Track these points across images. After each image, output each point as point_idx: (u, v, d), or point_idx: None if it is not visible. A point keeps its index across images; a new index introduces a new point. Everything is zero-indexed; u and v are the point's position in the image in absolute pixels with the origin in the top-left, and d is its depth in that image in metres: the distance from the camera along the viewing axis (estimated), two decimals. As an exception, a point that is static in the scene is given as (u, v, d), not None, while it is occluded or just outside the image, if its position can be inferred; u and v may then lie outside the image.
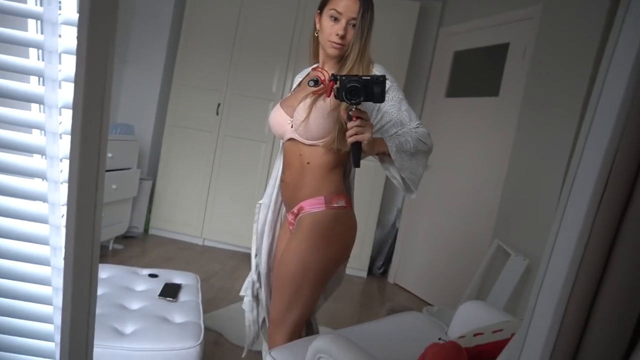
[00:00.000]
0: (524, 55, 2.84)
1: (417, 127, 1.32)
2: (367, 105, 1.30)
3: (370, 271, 3.86)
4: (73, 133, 0.58)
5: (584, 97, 2.26)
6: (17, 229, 0.77)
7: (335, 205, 1.33)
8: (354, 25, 1.29)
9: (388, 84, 1.28)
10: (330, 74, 1.22)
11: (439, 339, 1.39)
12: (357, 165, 1.19)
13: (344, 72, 1.27)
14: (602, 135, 0.47)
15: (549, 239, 0.59)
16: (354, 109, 1.15)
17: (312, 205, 1.33)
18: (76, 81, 0.57)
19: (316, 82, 1.36)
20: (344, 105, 1.19)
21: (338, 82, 1.16)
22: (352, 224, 1.40)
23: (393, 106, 1.32)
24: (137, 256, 3.32)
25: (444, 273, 3.25)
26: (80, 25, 0.56)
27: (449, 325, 1.58)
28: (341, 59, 1.35)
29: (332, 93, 1.19)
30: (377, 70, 1.32)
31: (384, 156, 1.30)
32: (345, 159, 1.37)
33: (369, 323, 1.53)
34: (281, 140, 1.47)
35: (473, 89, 3.36)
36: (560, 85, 2.48)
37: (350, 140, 1.16)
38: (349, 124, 1.16)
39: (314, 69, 1.43)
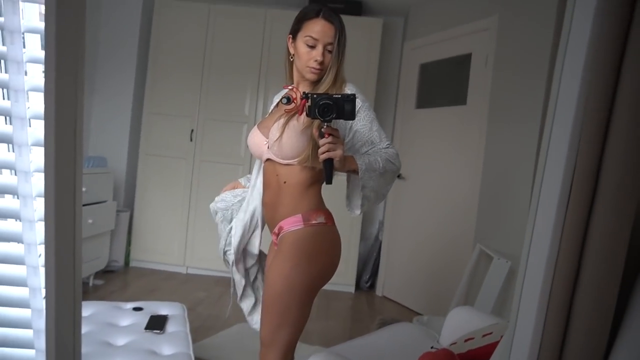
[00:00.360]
0: (486, 64, 2.94)
1: (387, 148, 1.35)
2: (339, 124, 1.33)
3: (357, 286, 3.85)
4: (46, 171, 0.57)
5: (543, 101, 2.35)
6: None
7: (314, 222, 1.33)
8: (329, 51, 1.33)
9: (359, 103, 1.32)
10: (302, 93, 1.24)
11: (431, 347, 1.39)
12: (329, 182, 1.21)
13: (321, 92, 1.30)
14: (562, 135, 0.49)
15: (525, 242, 0.61)
16: (325, 127, 1.17)
17: (291, 224, 1.34)
18: (46, 118, 0.57)
19: (288, 100, 1.37)
20: (316, 122, 1.22)
21: (310, 100, 1.18)
22: (334, 239, 1.39)
23: (364, 125, 1.35)
24: (119, 290, 3.23)
25: (431, 281, 3.27)
26: (47, 60, 0.56)
27: (440, 333, 1.59)
28: (317, 81, 1.38)
29: (305, 111, 1.21)
30: (349, 89, 1.35)
31: (352, 173, 1.32)
32: (322, 175, 1.38)
33: (361, 338, 1.53)
34: (260, 162, 1.49)
35: (441, 99, 3.44)
36: (521, 90, 2.57)
37: (322, 157, 1.17)
38: (321, 141, 1.17)
39: (288, 89, 1.45)
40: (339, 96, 1.18)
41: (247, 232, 1.52)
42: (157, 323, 1.74)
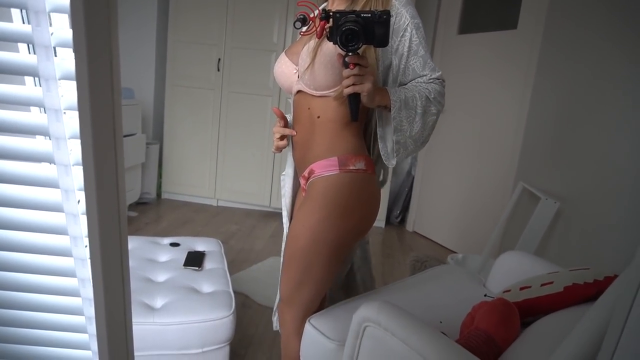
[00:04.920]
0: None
1: (432, 82, 1.12)
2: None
3: (387, 221, 3.83)
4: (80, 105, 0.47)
5: (620, 21, 2.08)
6: (31, 220, 0.69)
7: (351, 167, 1.13)
8: None
9: (406, 19, 1.10)
10: (321, 11, 1.00)
11: (485, 295, 1.33)
12: (355, 118, 1.05)
13: (358, 8, 1.07)
14: None
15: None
16: (350, 55, 0.97)
17: (324, 168, 1.14)
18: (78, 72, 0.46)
19: (304, 20, 1.13)
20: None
21: (331, 20, 0.97)
22: (373, 191, 1.19)
23: (408, 49, 1.11)
24: (153, 222, 3.28)
25: (465, 219, 3.20)
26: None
27: (487, 276, 1.52)
28: None
29: (325, 35, 1.00)
30: (397, 0, 1.11)
31: (384, 110, 1.11)
32: (365, 112, 1.19)
33: (401, 281, 1.47)
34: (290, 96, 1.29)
35: (488, 23, 3.14)
36: (584, 11, 2.28)
37: (346, 91, 1.00)
38: (345, 72, 0.99)
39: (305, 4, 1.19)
40: (368, 15, 0.95)
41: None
42: (195, 259, 1.73)
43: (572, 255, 2.19)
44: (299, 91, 1.18)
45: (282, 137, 1.26)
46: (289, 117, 1.31)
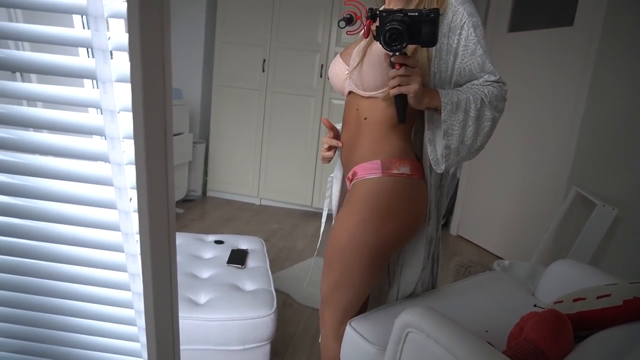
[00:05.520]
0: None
1: (490, 84, 1.06)
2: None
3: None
4: (135, 109, 0.49)
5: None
6: (86, 216, 0.72)
7: (395, 171, 1.10)
8: None
9: (463, 16, 1.05)
10: (367, 9, 0.98)
11: (535, 305, 1.27)
12: (402, 120, 1.01)
13: (412, 7, 1.05)
14: None
15: None
16: (396, 55, 0.94)
17: (367, 171, 1.13)
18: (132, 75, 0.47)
19: (350, 19, 1.11)
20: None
21: (378, 19, 0.94)
22: (418, 196, 1.14)
23: (465, 48, 1.06)
24: (198, 219, 3.38)
25: (513, 224, 3.08)
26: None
27: (536, 285, 1.46)
28: None
29: (372, 34, 0.97)
30: (455, 0, 1.07)
31: (434, 113, 1.06)
32: (415, 114, 1.15)
33: (447, 287, 1.43)
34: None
35: (541, 20, 3.00)
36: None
37: (392, 92, 0.97)
38: (390, 73, 0.96)
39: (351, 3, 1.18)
40: (416, 14, 0.91)
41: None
42: (238, 257, 1.76)
43: (632, 267, 2.05)
44: (350, 92, 1.18)
45: (329, 148, 1.26)
46: (339, 127, 1.31)
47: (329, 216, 1.39)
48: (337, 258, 1.14)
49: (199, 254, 1.82)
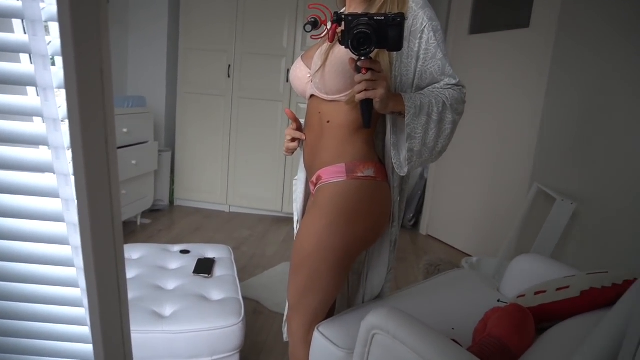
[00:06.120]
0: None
1: (451, 87, 1.08)
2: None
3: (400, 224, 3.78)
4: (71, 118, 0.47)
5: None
6: (32, 230, 0.69)
7: (359, 174, 1.11)
8: None
9: (424, 21, 1.07)
10: (333, 13, 0.98)
11: (498, 300, 1.30)
12: (368, 125, 1.01)
13: (374, 11, 1.06)
14: None
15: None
16: (362, 59, 0.93)
17: (331, 175, 1.12)
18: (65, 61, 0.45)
19: (315, 23, 1.10)
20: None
21: (343, 23, 0.93)
22: (383, 198, 1.15)
23: (426, 52, 1.08)
24: (166, 229, 3.30)
25: (480, 221, 3.14)
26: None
27: (501, 281, 1.49)
28: None
29: (337, 38, 0.97)
30: (414, 3, 1.08)
31: (398, 117, 1.06)
32: (377, 117, 1.15)
33: (413, 286, 1.45)
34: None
35: (500, 22, 3.09)
36: (602, 6, 2.23)
37: (358, 97, 0.96)
38: (356, 77, 0.95)
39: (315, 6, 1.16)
40: (382, 18, 0.91)
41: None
42: (204, 266, 1.72)
43: (590, 258, 2.13)
44: (312, 96, 1.17)
45: (293, 139, 1.25)
46: (302, 122, 1.30)
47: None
48: (304, 263, 1.13)
49: (165, 264, 1.77)
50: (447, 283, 1.47)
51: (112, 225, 0.51)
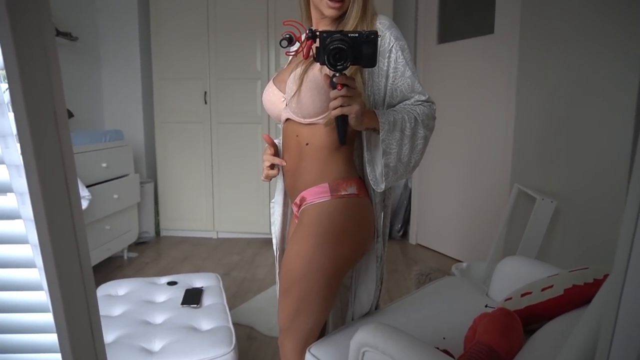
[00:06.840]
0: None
1: (421, 104, 1.10)
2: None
3: (389, 235, 3.78)
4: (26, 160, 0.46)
5: (591, 16, 2.10)
6: (4, 277, 0.67)
7: (343, 193, 1.11)
8: None
9: (391, 40, 1.10)
10: (307, 30, 0.99)
11: (486, 306, 1.30)
12: (343, 142, 1.02)
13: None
14: None
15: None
16: (337, 75, 0.94)
17: (315, 195, 1.12)
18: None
19: (290, 40, 1.11)
20: (325, 67, 0.97)
21: (318, 40, 0.95)
22: (366, 215, 1.16)
23: (395, 70, 1.10)
24: (153, 261, 3.25)
25: (466, 227, 3.17)
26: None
27: (489, 285, 1.49)
28: (339, 16, 1.13)
29: (312, 55, 0.98)
30: (380, 24, 1.11)
31: (372, 133, 1.08)
32: (355, 134, 1.16)
33: (403, 299, 1.44)
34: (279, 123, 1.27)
35: (465, 30, 3.17)
36: (557, 11, 2.30)
37: (334, 113, 0.96)
38: (332, 94, 0.95)
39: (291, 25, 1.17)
40: (356, 35, 0.92)
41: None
42: (193, 297, 1.70)
43: (574, 255, 2.15)
44: (287, 119, 1.17)
45: (272, 166, 1.24)
46: (278, 142, 1.30)
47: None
48: (293, 286, 1.12)
49: (152, 298, 1.74)
50: (436, 292, 1.47)
51: (80, 271, 0.50)
